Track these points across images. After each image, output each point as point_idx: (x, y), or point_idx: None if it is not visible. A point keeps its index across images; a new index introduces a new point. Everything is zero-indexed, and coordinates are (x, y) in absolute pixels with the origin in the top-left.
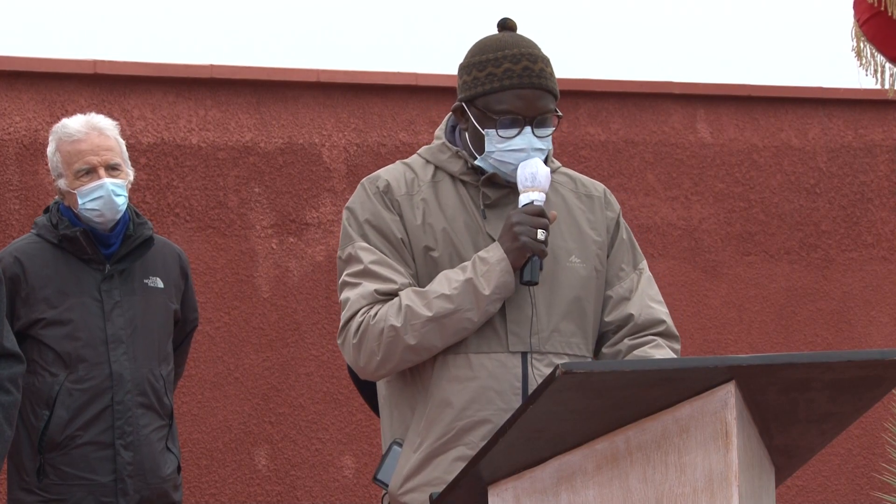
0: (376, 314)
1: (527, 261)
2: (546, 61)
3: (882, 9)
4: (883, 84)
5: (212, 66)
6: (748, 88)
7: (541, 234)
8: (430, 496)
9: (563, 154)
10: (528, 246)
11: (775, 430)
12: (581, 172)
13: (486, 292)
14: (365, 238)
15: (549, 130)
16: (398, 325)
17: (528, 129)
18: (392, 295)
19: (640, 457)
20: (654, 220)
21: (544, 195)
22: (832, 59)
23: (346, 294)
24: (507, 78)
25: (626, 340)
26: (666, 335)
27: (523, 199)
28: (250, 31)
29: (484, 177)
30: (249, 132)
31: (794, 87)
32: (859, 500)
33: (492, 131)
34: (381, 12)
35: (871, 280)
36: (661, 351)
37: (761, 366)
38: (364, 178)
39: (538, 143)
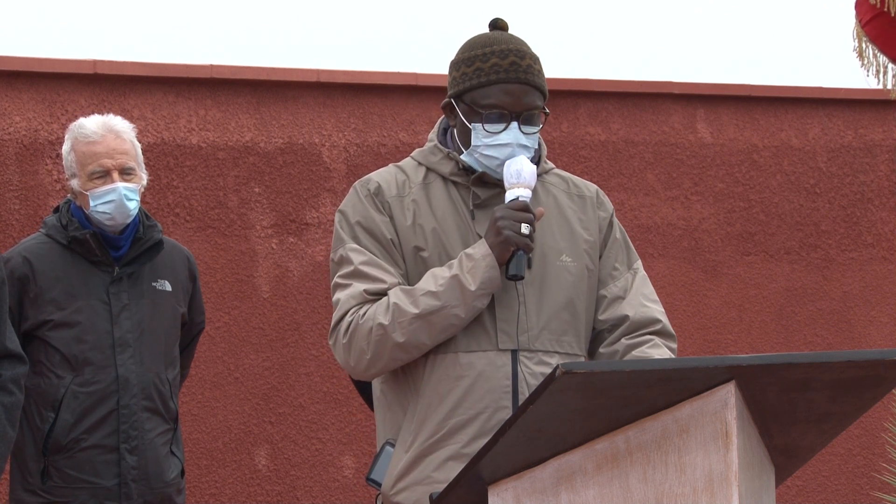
0: (365, 313)
1: (512, 255)
2: (535, 59)
3: (884, 9)
4: (885, 85)
5: (212, 66)
6: (748, 88)
7: (525, 228)
8: (430, 496)
9: (563, 154)
10: (511, 240)
11: (775, 430)
12: (581, 172)
13: (472, 288)
14: (356, 240)
15: (536, 128)
16: (386, 322)
17: (514, 124)
18: (381, 294)
19: (640, 457)
20: (654, 220)
21: (530, 192)
22: (832, 59)
23: (337, 295)
24: (493, 73)
25: (623, 340)
26: (662, 334)
27: (509, 195)
28: (250, 31)
29: (474, 176)
30: (249, 132)
31: (794, 87)
32: (859, 500)
33: (478, 125)
34: (381, 12)
35: (871, 280)
36: (659, 350)
37: (761, 366)
38: (356, 181)
39: (524, 140)
